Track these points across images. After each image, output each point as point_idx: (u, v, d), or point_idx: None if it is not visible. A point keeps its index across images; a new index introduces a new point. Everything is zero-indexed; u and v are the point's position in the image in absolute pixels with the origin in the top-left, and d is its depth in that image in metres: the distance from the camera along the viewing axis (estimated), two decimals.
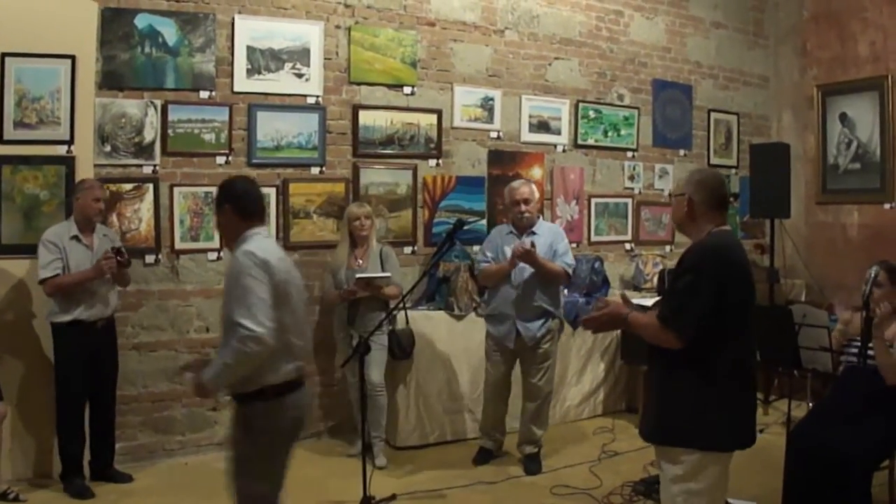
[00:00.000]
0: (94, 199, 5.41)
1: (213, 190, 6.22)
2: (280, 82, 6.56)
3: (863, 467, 4.59)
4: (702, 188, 3.57)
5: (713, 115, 9.22)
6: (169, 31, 6.13)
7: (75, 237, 5.38)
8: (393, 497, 5.39)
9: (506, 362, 6.08)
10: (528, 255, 5.72)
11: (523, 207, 5.96)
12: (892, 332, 4.96)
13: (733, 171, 9.38)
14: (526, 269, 5.86)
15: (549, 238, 6.02)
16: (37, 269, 5.29)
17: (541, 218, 6.32)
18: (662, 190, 8.74)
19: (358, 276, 6.00)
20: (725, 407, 3.36)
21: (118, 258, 5.36)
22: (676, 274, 3.48)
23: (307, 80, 6.66)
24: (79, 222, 5.42)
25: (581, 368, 7.42)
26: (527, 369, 6.08)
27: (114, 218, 5.95)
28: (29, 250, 5.44)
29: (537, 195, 6.17)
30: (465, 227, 5.56)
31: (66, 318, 5.30)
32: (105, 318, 5.49)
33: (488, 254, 6.10)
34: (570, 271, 6.03)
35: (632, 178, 8.56)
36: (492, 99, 7.55)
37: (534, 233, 6.00)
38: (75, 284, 5.28)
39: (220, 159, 6.36)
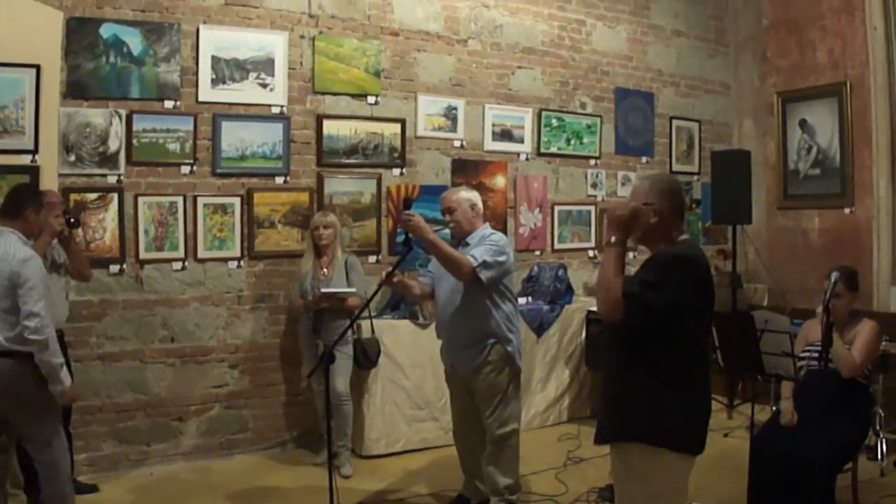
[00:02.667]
0: (55, 216, 5.13)
1: (178, 200, 6.30)
2: (244, 92, 6.55)
3: (826, 470, 4.66)
4: (669, 197, 3.49)
5: (675, 122, 9.31)
6: (134, 41, 6.11)
7: None
8: None
9: (462, 390, 5.26)
10: (410, 223, 4.69)
11: (447, 217, 5.14)
12: (852, 336, 5.12)
13: (695, 177, 9.49)
14: (445, 276, 5.02)
15: (476, 242, 5.01)
16: None
17: (487, 226, 5.20)
18: (625, 197, 8.76)
19: (322, 290, 6.03)
20: (682, 408, 3.34)
21: (68, 219, 5.24)
22: (645, 273, 3.38)
23: (271, 89, 6.65)
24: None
25: (546, 375, 7.47)
26: (476, 401, 5.14)
27: (78, 228, 5.90)
28: None
29: (467, 203, 5.09)
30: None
31: None
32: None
33: (431, 270, 5.39)
34: (475, 266, 4.77)
35: (594, 185, 8.62)
36: (455, 108, 7.59)
37: (467, 244, 5.03)
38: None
39: (185, 169, 6.34)
